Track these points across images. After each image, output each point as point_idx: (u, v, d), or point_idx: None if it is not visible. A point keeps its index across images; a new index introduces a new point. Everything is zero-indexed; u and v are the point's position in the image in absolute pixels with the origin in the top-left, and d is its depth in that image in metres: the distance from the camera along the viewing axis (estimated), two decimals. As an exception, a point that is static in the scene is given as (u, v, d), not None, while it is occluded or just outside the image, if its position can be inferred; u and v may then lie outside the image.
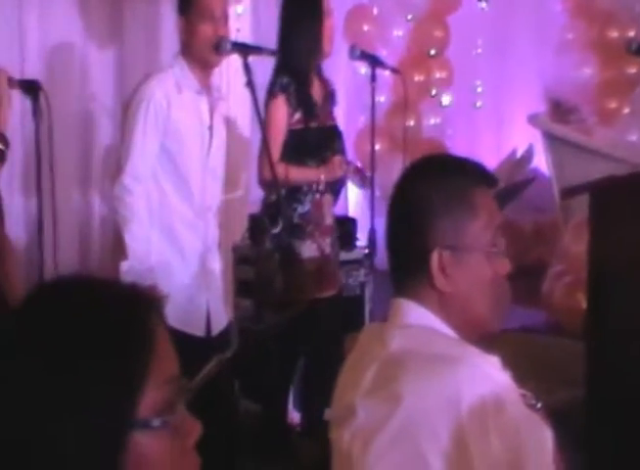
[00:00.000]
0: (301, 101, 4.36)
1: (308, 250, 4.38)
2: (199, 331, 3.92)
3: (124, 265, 3.80)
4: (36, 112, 3.18)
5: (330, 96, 4.61)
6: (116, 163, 3.99)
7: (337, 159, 4.47)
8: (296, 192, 4.38)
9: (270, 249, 4.26)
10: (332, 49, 4.54)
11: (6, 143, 3.12)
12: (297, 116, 4.37)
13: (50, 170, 3.36)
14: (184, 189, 3.93)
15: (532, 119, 6.57)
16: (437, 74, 6.81)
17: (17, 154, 5.42)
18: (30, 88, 3.20)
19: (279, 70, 4.36)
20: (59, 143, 5.66)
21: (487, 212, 1.92)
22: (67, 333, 1.21)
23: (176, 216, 3.93)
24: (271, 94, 4.33)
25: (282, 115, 4.31)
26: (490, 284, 1.94)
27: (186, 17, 3.91)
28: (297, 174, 4.33)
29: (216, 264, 4.09)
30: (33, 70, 5.53)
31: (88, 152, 5.92)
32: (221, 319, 4.07)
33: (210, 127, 3.96)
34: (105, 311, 1.24)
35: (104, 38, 5.91)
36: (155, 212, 3.89)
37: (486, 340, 1.96)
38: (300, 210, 4.39)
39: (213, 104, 4.00)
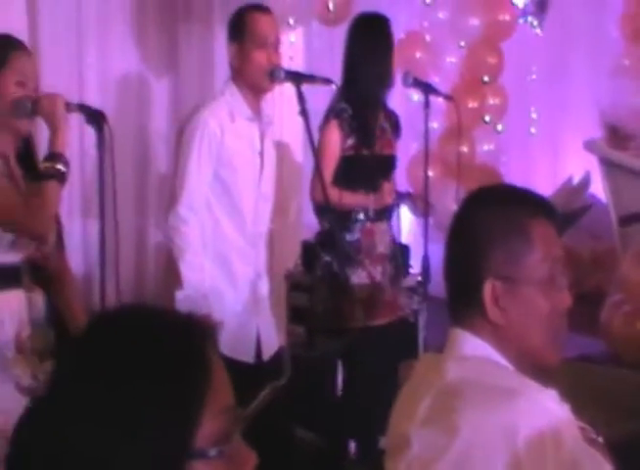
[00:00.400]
0: (356, 127, 4.40)
1: (358, 277, 4.40)
2: (249, 357, 3.95)
3: (180, 295, 3.84)
4: (101, 142, 3.24)
5: (394, 127, 4.70)
6: (171, 191, 4.04)
7: (387, 186, 4.49)
8: (345, 220, 4.40)
9: (321, 276, 4.31)
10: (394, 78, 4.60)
11: (66, 164, 3.18)
12: (351, 142, 4.41)
13: (113, 199, 3.41)
14: (237, 216, 3.96)
15: (589, 145, 6.55)
16: (491, 101, 6.77)
17: (76, 181, 5.53)
18: (95, 118, 3.27)
19: (340, 97, 4.40)
20: (116, 168, 5.80)
21: (545, 245, 1.91)
22: (126, 362, 1.22)
23: (229, 244, 3.97)
24: (326, 119, 4.40)
25: (334, 139, 4.36)
26: (547, 318, 1.91)
27: (239, 43, 3.95)
28: (349, 199, 4.37)
29: (266, 290, 4.12)
30: (92, 101, 5.65)
31: (144, 179, 6.04)
32: (272, 345, 4.09)
33: (261, 153, 4.00)
34: (163, 341, 1.25)
35: (160, 68, 6.04)
36: (208, 240, 3.92)
37: (544, 371, 1.95)
38: (349, 238, 4.41)
39: (264, 129, 4.04)
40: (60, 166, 3.16)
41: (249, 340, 3.98)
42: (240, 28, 3.97)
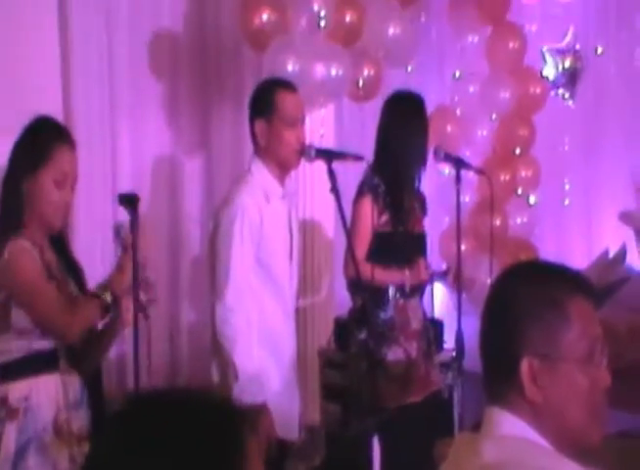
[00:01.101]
0: (391, 204, 4.46)
1: (394, 354, 4.43)
2: (294, 435, 4.00)
3: (236, 388, 3.83)
4: (134, 223, 3.29)
5: (422, 206, 4.75)
6: (212, 278, 4.04)
7: (422, 262, 4.54)
8: (379, 298, 4.41)
9: (357, 354, 4.30)
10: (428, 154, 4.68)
11: (115, 302, 3.32)
12: (385, 218, 4.47)
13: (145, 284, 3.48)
14: (278, 295, 4.02)
15: (625, 217, 6.56)
16: (523, 173, 6.78)
17: (110, 260, 5.62)
18: (129, 201, 3.32)
19: (373, 171, 4.42)
20: (149, 253, 5.87)
21: (583, 322, 1.89)
22: (163, 445, 1.26)
23: (273, 323, 4.01)
24: (360, 193, 4.46)
25: (368, 214, 4.38)
26: (587, 396, 1.88)
27: (266, 120, 3.97)
28: (382, 276, 4.39)
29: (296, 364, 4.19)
30: (125, 183, 5.75)
31: (177, 261, 6.09)
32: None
33: (290, 229, 4.07)
34: (199, 425, 1.28)
35: (192, 148, 6.13)
36: (253, 322, 3.95)
37: (585, 450, 1.92)
38: (383, 316, 4.43)
39: (289, 204, 4.12)
40: (108, 298, 3.27)
41: (293, 417, 4.03)
42: (268, 105, 3.99)
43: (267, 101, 4.00)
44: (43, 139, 3.31)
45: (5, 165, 4.62)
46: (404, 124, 4.59)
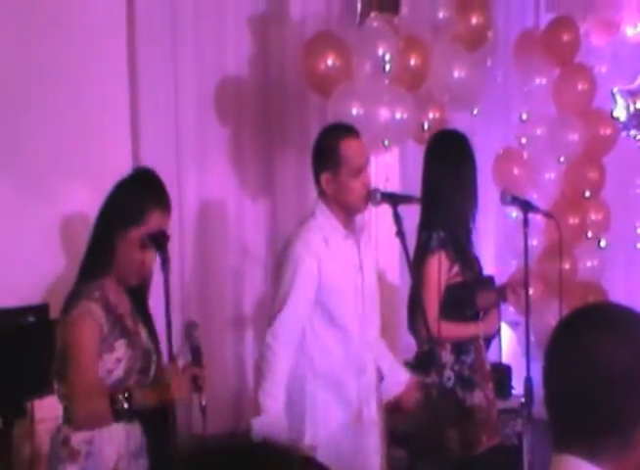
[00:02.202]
0: (460, 254, 4.41)
1: (477, 398, 4.41)
2: None
3: (256, 423, 3.91)
4: (165, 262, 3.30)
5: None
6: (269, 311, 4.14)
7: (494, 314, 4.51)
8: (461, 343, 4.41)
9: (436, 401, 4.26)
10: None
11: (131, 408, 3.26)
12: (455, 269, 4.40)
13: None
14: (345, 340, 4.00)
15: None
16: (593, 216, 6.77)
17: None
18: (157, 240, 3.33)
19: (432, 223, 4.40)
20: (213, 296, 5.97)
21: None
22: None
23: (339, 370, 4.00)
24: (429, 250, 4.35)
25: (441, 271, 4.31)
26: None
27: (332, 173, 3.97)
28: (454, 332, 4.33)
29: (374, 411, 4.10)
30: (191, 225, 5.89)
31: (241, 299, 6.18)
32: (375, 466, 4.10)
33: (361, 267, 4.05)
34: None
35: (257, 191, 6.22)
36: (318, 368, 3.99)
37: None
38: (469, 360, 4.42)
39: (359, 240, 4.08)
40: (124, 405, 3.23)
41: (352, 463, 4.00)
42: (333, 158, 3.98)
43: (332, 153, 4.00)
44: (141, 200, 3.35)
45: (77, 213, 4.70)
46: (453, 167, 4.50)
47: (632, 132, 7.34)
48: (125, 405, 3.22)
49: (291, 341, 3.96)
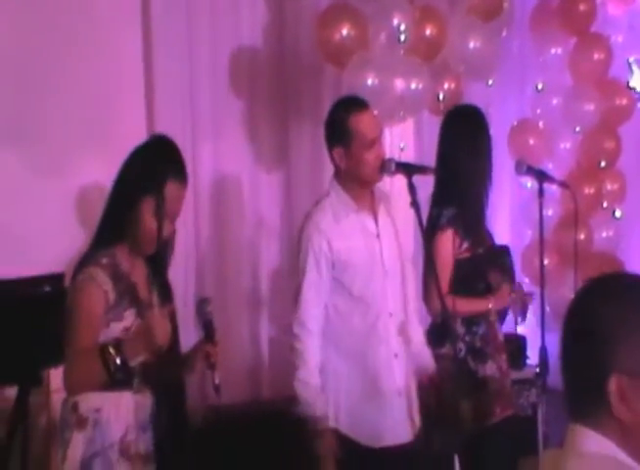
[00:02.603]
0: (471, 230, 4.40)
1: (490, 369, 4.41)
2: (390, 441, 4.03)
3: (297, 410, 3.88)
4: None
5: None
6: (294, 294, 4.11)
7: (505, 288, 4.49)
8: (473, 315, 4.41)
9: (451, 373, 4.23)
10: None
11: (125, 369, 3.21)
12: (466, 245, 4.40)
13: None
14: (368, 314, 4.00)
15: None
16: (609, 186, 6.74)
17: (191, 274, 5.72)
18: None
19: (444, 199, 4.40)
20: (229, 268, 5.98)
21: None
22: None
23: (361, 341, 4.01)
24: (439, 228, 4.35)
25: (451, 249, 4.33)
26: None
27: (345, 147, 3.97)
28: (466, 307, 4.35)
29: (399, 383, 4.08)
30: (205, 200, 5.90)
31: (257, 272, 6.17)
32: (408, 431, 4.12)
33: (378, 236, 4.04)
34: (268, 446, 1.36)
35: (271, 163, 6.22)
36: (339, 341, 4.01)
37: None
38: (481, 331, 4.42)
39: (377, 211, 4.07)
40: (117, 361, 3.16)
41: (387, 427, 4.04)
42: (344, 133, 3.98)
43: (342, 128, 4.00)
44: (158, 169, 3.31)
45: (92, 184, 4.66)
46: (468, 142, 4.48)
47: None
48: (118, 360, 3.15)
49: (316, 326, 3.98)
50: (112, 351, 3.16)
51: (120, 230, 3.33)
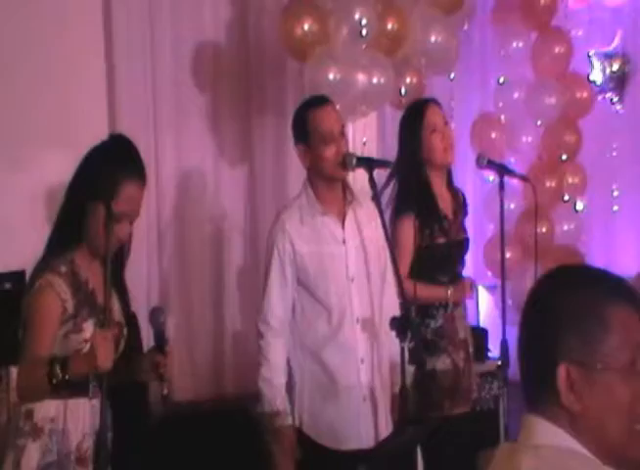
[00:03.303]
0: (429, 219, 4.43)
1: (443, 364, 4.42)
2: (359, 444, 4.02)
3: (258, 408, 3.96)
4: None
5: (461, 208, 4.67)
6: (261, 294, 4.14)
7: (467, 282, 4.53)
8: (428, 307, 4.43)
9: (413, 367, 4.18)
10: (453, 157, 4.61)
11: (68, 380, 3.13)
12: (427, 232, 4.43)
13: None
14: (331, 316, 4.00)
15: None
16: (570, 180, 6.72)
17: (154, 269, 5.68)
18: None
19: (405, 189, 4.44)
20: (192, 263, 5.96)
21: (624, 330, 1.81)
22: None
23: (322, 340, 4.02)
24: (400, 215, 4.41)
25: (409, 235, 4.36)
26: (628, 408, 1.80)
27: (305, 144, 4.02)
28: (426, 292, 4.35)
29: (367, 378, 4.06)
30: (168, 193, 5.85)
31: (221, 268, 6.12)
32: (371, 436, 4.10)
33: (344, 241, 4.03)
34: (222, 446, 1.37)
35: (235, 158, 6.18)
36: (303, 339, 4.03)
37: (627, 462, 1.84)
38: (433, 325, 4.43)
39: (345, 215, 4.05)
40: (59, 375, 3.09)
41: (353, 431, 4.05)
42: (303, 129, 4.04)
43: (302, 124, 4.05)
44: (114, 172, 3.22)
45: (55, 181, 4.63)
46: (403, 130, 4.56)
47: (608, 95, 7.36)
48: (61, 375, 3.09)
49: (280, 325, 4.01)
50: (57, 368, 3.09)
51: (76, 235, 3.27)
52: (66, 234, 3.27)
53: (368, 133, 5.81)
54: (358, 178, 4.47)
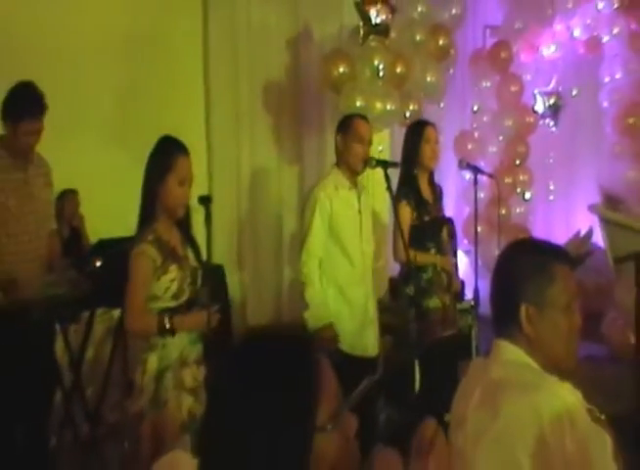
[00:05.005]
0: (417, 202, 4.25)
1: (433, 303, 4.26)
2: (364, 352, 3.89)
3: (306, 313, 3.79)
4: (208, 218, 3.03)
5: (438, 197, 4.47)
6: (299, 243, 4.02)
7: (452, 258, 4.39)
8: (420, 268, 4.26)
9: (406, 305, 4.16)
10: (437, 164, 4.41)
11: None
12: (415, 214, 4.25)
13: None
14: (349, 260, 3.87)
15: (591, 208, 6.34)
16: (521, 178, 6.66)
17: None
18: (204, 200, 3.04)
19: (403, 182, 4.28)
20: (261, 232, 5.91)
21: (564, 281, 1.82)
22: (272, 371, 1.21)
23: (345, 278, 3.87)
24: (398, 200, 4.21)
25: (406, 215, 4.20)
26: (566, 334, 1.83)
27: (342, 135, 3.88)
28: (422, 258, 4.21)
29: (373, 310, 3.98)
30: (245, 183, 5.81)
31: (280, 234, 6.05)
32: (375, 347, 4.00)
33: (360, 211, 3.91)
34: (290, 356, 1.23)
35: (291, 161, 6.10)
36: (330, 277, 3.85)
37: (563, 371, 1.85)
38: (425, 276, 4.27)
39: (360, 194, 3.94)
40: (167, 325, 2.98)
41: (363, 340, 3.92)
42: (347, 126, 3.91)
43: (347, 123, 3.93)
44: (168, 152, 3.04)
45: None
46: (407, 141, 4.36)
47: (547, 121, 7.22)
48: (167, 325, 2.97)
49: (314, 261, 3.82)
50: (166, 320, 2.97)
51: (155, 209, 3.06)
52: (148, 210, 3.08)
53: (383, 143, 5.70)
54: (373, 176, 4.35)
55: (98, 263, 4.03)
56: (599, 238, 6.48)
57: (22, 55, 4.79)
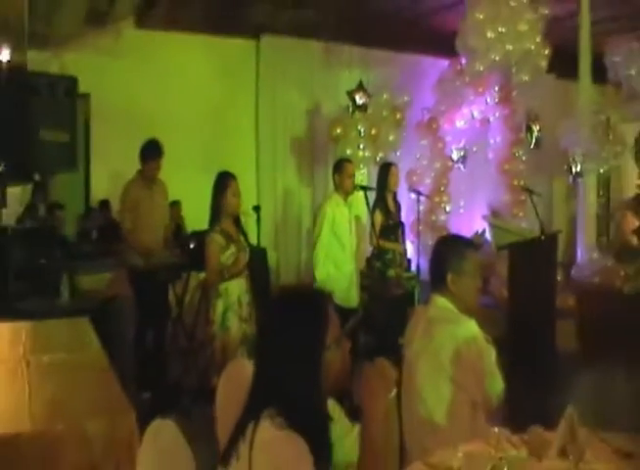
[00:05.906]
0: (385, 211, 4.22)
1: (390, 273, 4.22)
2: (350, 304, 3.83)
3: (315, 285, 3.72)
4: (258, 220, 3.14)
5: (397, 209, 4.45)
6: (313, 238, 3.93)
7: (403, 245, 4.33)
8: (387, 250, 4.24)
9: (377, 274, 4.12)
10: (398, 187, 4.34)
11: None
12: (384, 218, 4.21)
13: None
14: (344, 250, 3.83)
15: (484, 217, 6.34)
16: (444, 198, 6.57)
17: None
18: (256, 209, 3.19)
19: (377, 199, 4.21)
20: (288, 231, 5.76)
21: (472, 259, 1.84)
22: (300, 314, 1.20)
23: (339, 258, 3.83)
24: (374, 210, 4.19)
25: (379, 219, 4.14)
26: (473, 291, 1.85)
27: (338, 173, 3.83)
28: (386, 245, 4.16)
29: (355, 277, 3.93)
30: (279, 202, 5.72)
31: (300, 229, 5.95)
32: (356, 300, 3.94)
33: (350, 218, 3.88)
34: (309, 303, 1.22)
35: (307, 184, 5.97)
36: (330, 258, 3.81)
37: (472, 313, 1.85)
38: (387, 256, 4.22)
39: (350, 208, 3.89)
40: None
41: (350, 296, 3.86)
42: (340, 167, 3.84)
43: (340, 165, 3.87)
44: (225, 178, 3.06)
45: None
46: (379, 175, 4.31)
47: (459, 165, 7.05)
48: (226, 276, 2.98)
49: (322, 251, 3.76)
50: (225, 273, 2.99)
51: (220, 212, 3.08)
52: (215, 212, 3.12)
53: (363, 176, 5.60)
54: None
55: (192, 245, 4.11)
56: (488, 235, 6.48)
57: (148, 119, 4.82)
